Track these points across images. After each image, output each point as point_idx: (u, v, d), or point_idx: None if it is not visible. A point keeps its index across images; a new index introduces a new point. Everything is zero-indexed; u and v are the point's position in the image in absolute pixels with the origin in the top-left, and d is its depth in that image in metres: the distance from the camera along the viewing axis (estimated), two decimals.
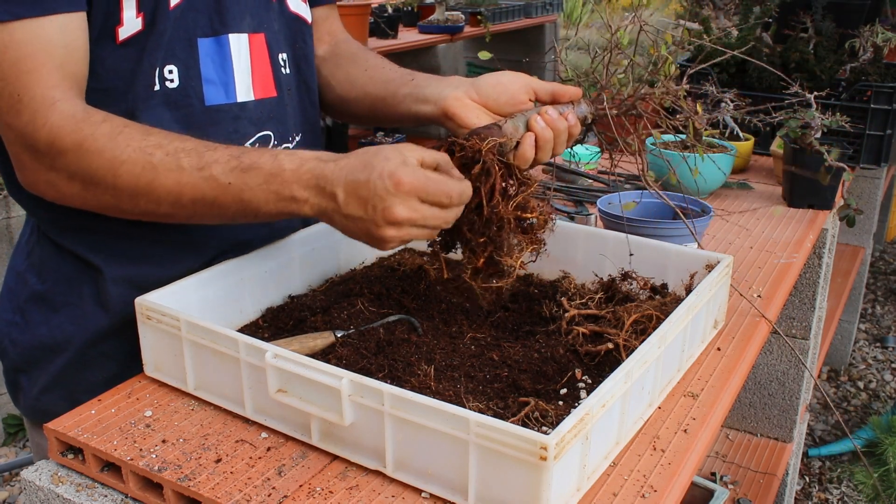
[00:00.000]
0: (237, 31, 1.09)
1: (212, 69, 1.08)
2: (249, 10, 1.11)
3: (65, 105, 0.93)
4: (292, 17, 1.19)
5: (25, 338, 1.13)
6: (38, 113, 0.92)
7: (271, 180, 0.92)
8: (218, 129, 1.09)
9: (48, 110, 0.93)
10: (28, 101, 0.93)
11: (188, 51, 1.05)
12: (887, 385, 3.41)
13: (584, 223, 1.55)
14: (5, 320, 1.16)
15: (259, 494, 0.81)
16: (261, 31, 1.13)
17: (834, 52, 2.08)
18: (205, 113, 1.08)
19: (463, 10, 4.41)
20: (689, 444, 0.91)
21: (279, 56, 1.17)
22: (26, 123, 0.93)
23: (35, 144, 0.94)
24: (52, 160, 0.94)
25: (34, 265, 1.12)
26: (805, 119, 1.67)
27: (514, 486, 0.75)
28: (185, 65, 1.05)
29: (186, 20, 1.04)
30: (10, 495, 2.63)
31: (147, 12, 1.00)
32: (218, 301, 1.07)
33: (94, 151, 0.93)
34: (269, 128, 1.16)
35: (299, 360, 0.86)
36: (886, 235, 4.42)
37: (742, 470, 2.07)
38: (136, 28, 1.00)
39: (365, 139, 3.78)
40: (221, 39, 1.08)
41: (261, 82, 1.14)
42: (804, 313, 1.91)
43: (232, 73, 1.10)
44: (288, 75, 1.19)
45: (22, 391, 1.17)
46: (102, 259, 1.08)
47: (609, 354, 0.98)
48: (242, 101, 1.11)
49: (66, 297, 1.11)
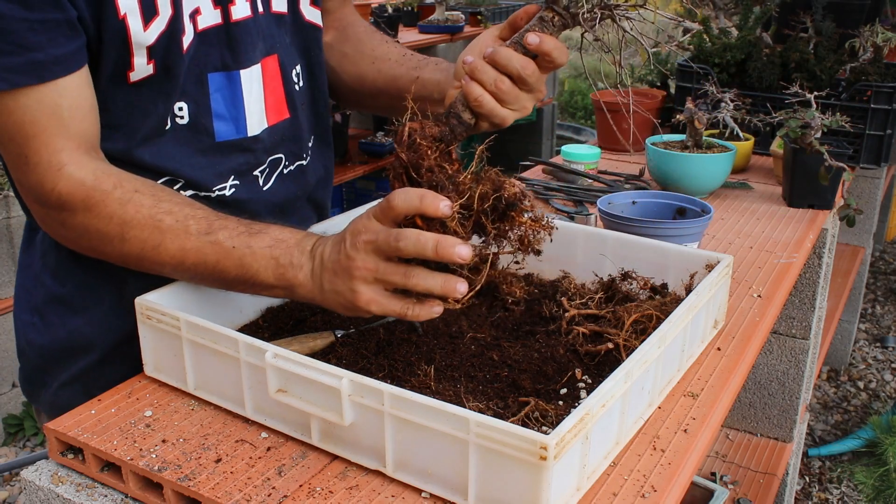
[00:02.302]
0: (249, 65, 1.07)
1: (222, 104, 1.07)
2: (262, 34, 1.09)
3: (72, 169, 0.93)
4: (307, 26, 1.17)
5: (44, 339, 1.13)
6: (45, 177, 0.93)
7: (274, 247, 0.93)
8: (228, 161, 1.09)
9: (55, 175, 0.93)
10: (35, 164, 0.93)
11: (198, 87, 1.04)
12: (887, 385, 3.41)
13: (584, 223, 1.55)
14: (23, 320, 1.15)
15: (259, 494, 0.81)
16: (273, 52, 1.11)
17: (834, 52, 2.08)
18: (215, 148, 1.07)
19: (463, 10, 4.41)
20: (689, 444, 0.91)
21: (292, 72, 1.15)
22: (35, 185, 0.94)
23: (47, 203, 0.95)
24: (62, 220, 0.96)
25: (50, 267, 1.11)
26: (805, 119, 1.67)
27: (514, 485, 0.75)
28: (196, 101, 1.04)
29: (198, 56, 1.02)
30: (10, 495, 2.64)
31: (158, 59, 0.98)
32: (218, 301, 1.07)
33: (104, 217, 0.94)
34: (281, 151, 1.16)
35: (299, 359, 0.86)
36: (886, 235, 4.42)
37: (742, 470, 2.07)
38: (148, 73, 0.99)
39: (365, 139, 3.78)
40: (232, 75, 1.06)
41: (274, 107, 1.13)
42: (804, 313, 1.91)
43: (243, 108, 1.08)
44: (301, 89, 1.18)
45: (44, 388, 1.17)
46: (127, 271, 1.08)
47: (609, 354, 0.98)
48: (254, 134, 1.10)
49: (86, 300, 1.10)
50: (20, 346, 1.17)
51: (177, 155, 1.04)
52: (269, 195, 1.15)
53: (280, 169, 1.16)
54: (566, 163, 1.94)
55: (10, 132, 0.92)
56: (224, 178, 1.10)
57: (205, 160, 1.07)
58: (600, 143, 2.24)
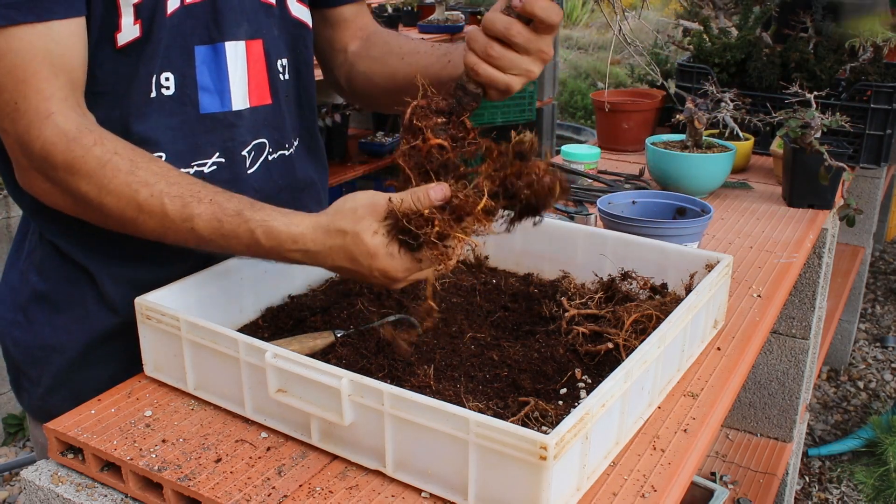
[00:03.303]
0: (233, 39, 1.09)
1: (207, 77, 1.08)
2: (247, 16, 1.10)
3: (59, 119, 0.93)
4: (294, 22, 1.18)
5: (28, 337, 1.13)
6: (32, 124, 0.93)
7: (252, 250, 0.93)
8: (213, 137, 1.09)
9: (42, 123, 0.93)
10: (24, 110, 0.93)
11: (185, 58, 1.05)
12: (887, 385, 3.41)
13: (584, 223, 1.55)
14: (7, 319, 1.15)
15: (259, 494, 0.81)
16: (258, 37, 1.12)
17: (834, 52, 2.08)
18: (200, 121, 1.08)
19: (463, 10, 4.41)
20: (689, 444, 0.91)
21: (278, 62, 1.16)
22: (22, 132, 0.93)
23: (31, 154, 0.94)
24: (45, 172, 0.95)
25: (35, 263, 1.12)
26: (805, 119, 1.67)
27: (513, 485, 0.75)
28: (182, 72, 1.05)
29: (184, 28, 1.04)
30: (10, 495, 2.63)
31: (144, 19, 0.99)
32: (218, 301, 1.07)
33: (83, 175, 0.93)
34: (264, 135, 1.16)
35: (299, 359, 0.86)
36: (886, 235, 4.42)
37: (742, 470, 2.07)
38: (134, 35, 1.00)
39: (364, 139, 3.78)
40: (218, 47, 1.07)
41: (256, 90, 1.13)
42: (804, 313, 1.91)
43: (227, 82, 1.09)
44: (286, 81, 1.18)
45: (26, 391, 1.17)
46: (100, 261, 1.08)
47: (609, 354, 0.98)
48: (238, 109, 1.11)
49: (69, 297, 1.11)
50: (4, 345, 1.17)
51: (161, 126, 1.05)
52: (253, 180, 1.15)
53: (265, 155, 1.16)
54: (566, 163, 1.94)
55: (2, 76, 0.92)
56: (208, 153, 1.10)
57: (189, 132, 1.07)
58: (600, 143, 2.24)
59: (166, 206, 0.93)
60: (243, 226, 0.91)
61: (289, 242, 0.90)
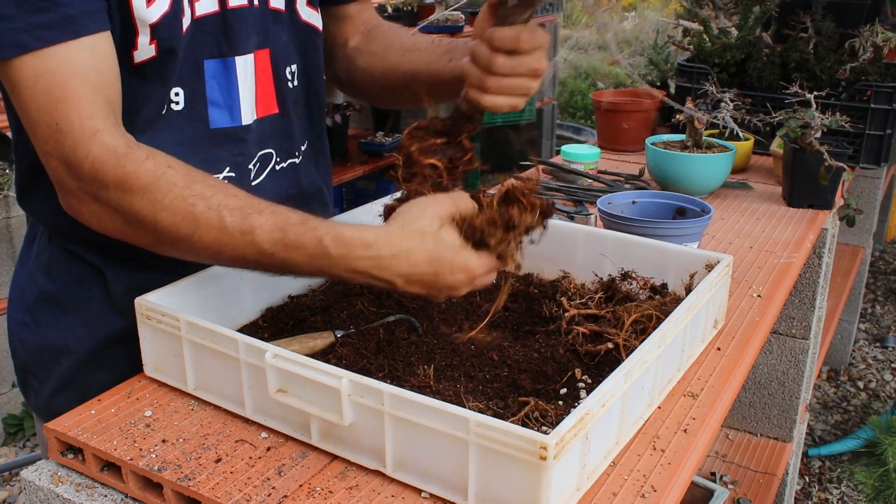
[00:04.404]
0: (243, 53, 1.08)
1: (217, 92, 1.06)
2: (256, 27, 1.09)
3: (105, 136, 0.90)
4: (304, 26, 1.17)
5: (35, 338, 1.13)
6: (79, 144, 0.89)
7: (316, 261, 0.89)
8: (223, 152, 1.08)
9: (89, 141, 0.89)
10: (67, 130, 0.89)
11: (194, 73, 1.04)
12: (887, 385, 3.41)
13: (584, 223, 1.55)
14: (16, 320, 1.15)
15: (259, 494, 0.81)
16: (266, 46, 1.11)
17: (834, 52, 2.08)
18: (209, 136, 1.07)
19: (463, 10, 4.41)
20: (689, 444, 0.91)
21: (286, 70, 1.15)
22: (69, 153, 0.90)
23: (80, 174, 0.91)
24: (95, 192, 0.91)
25: (43, 265, 1.12)
26: (805, 119, 1.67)
27: (513, 485, 0.75)
28: (191, 87, 1.04)
29: (194, 42, 1.02)
30: (10, 495, 2.63)
31: (160, 40, 0.98)
32: (218, 301, 1.07)
33: (136, 191, 0.89)
34: (271, 146, 1.15)
35: (299, 360, 0.86)
36: (886, 235, 4.42)
37: (742, 470, 2.07)
38: (150, 54, 0.98)
39: (365, 139, 3.77)
40: (228, 62, 1.06)
41: (263, 101, 1.12)
42: (804, 313, 1.91)
43: (237, 96, 1.08)
44: (295, 88, 1.17)
45: (34, 391, 1.17)
46: (109, 264, 1.08)
47: (609, 354, 0.98)
48: (247, 123, 1.10)
49: (76, 298, 1.10)
50: (13, 345, 1.16)
51: (171, 141, 1.03)
52: (259, 191, 1.14)
53: (272, 165, 1.16)
54: (566, 163, 1.94)
55: (40, 99, 0.89)
56: (218, 168, 1.09)
57: (198, 147, 1.06)
58: (600, 143, 2.24)
59: (225, 218, 0.88)
60: (310, 234, 0.88)
61: (360, 248, 0.87)
